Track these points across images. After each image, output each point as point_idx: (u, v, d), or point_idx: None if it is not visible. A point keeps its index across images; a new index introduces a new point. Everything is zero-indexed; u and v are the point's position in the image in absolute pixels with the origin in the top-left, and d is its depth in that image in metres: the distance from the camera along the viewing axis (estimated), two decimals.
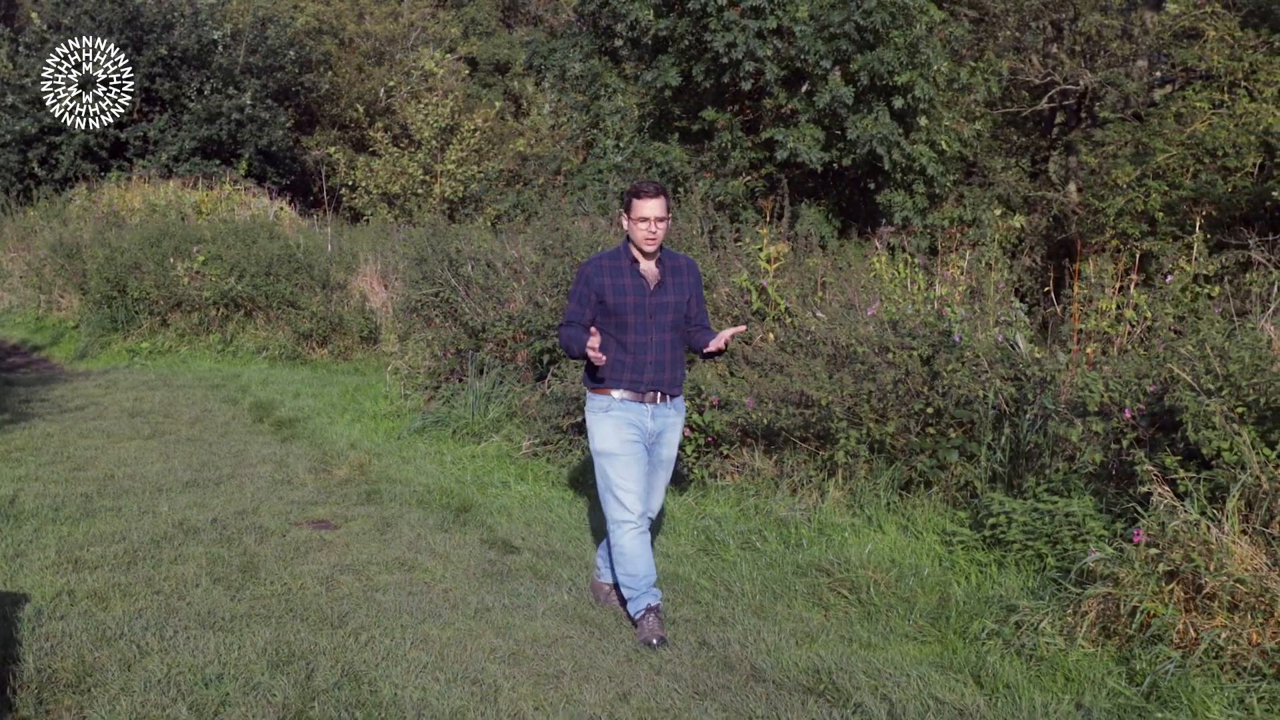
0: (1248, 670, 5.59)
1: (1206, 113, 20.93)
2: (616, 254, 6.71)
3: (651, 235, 6.53)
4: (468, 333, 12.59)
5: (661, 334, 6.66)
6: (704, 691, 5.71)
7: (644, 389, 6.63)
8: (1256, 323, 7.39)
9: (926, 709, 5.45)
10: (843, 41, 17.59)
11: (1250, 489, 6.19)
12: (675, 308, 6.70)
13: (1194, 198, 20.14)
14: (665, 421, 6.76)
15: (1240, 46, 21.30)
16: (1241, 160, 19.91)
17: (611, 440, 6.62)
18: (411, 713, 5.35)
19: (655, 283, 6.64)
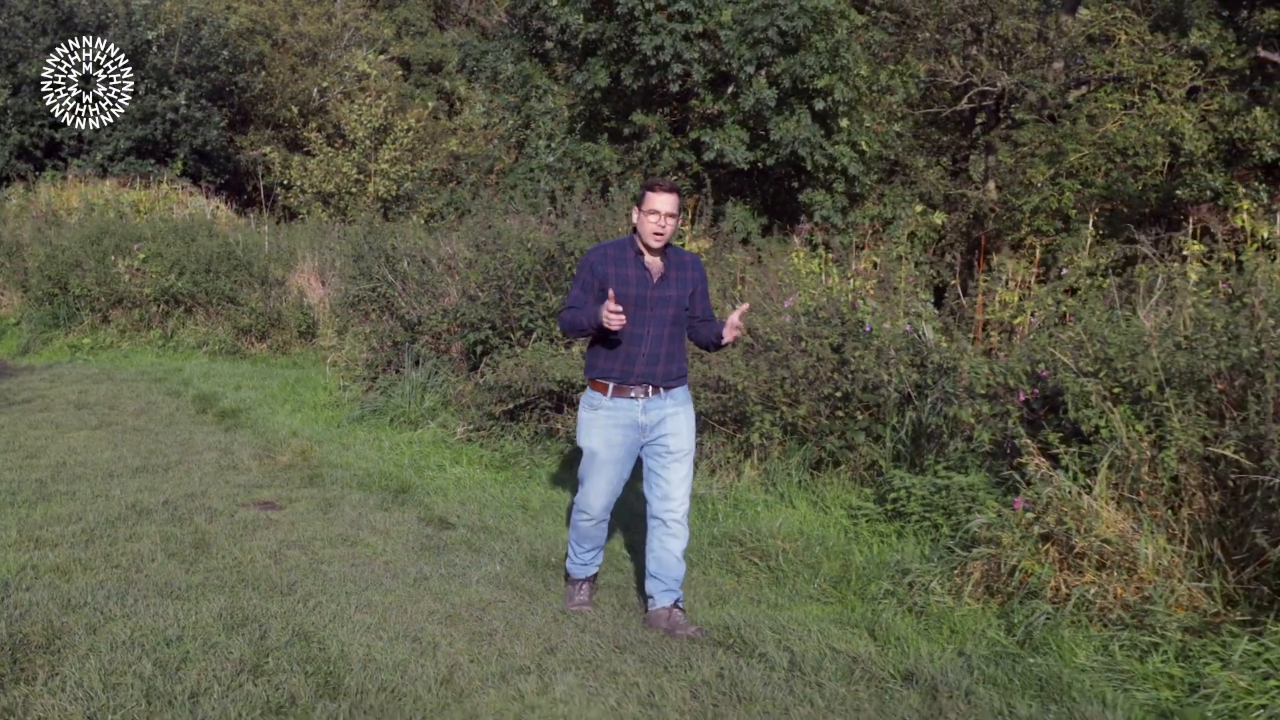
0: (1111, 621, 6.23)
1: (1117, 114, 21.74)
2: (622, 244, 6.70)
3: (660, 230, 6.52)
4: (404, 326, 13.14)
5: (660, 328, 6.62)
6: (624, 645, 6.29)
7: (633, 381, 6.62)
8: (1138, 311, 8.06)
9: (824, 657, 6.05)
10: (766, 46, 18.20)
11: (1120, 460, 6.84)
12: (676, 302, 6.67)
13: (1106, 196, 20.91)
14: (662, 412, 6.69)
15: (1150, 50, 22.13)
16: (1151, 159, 20.69)
17: (595, 439, 6.70)
18: (358, 666, 5.88)
19: (659, 276, 6.63)
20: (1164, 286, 8.62)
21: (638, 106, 19.58)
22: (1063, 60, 24.49)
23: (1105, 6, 23.52)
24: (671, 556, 6.73)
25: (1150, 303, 8.51)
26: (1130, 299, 8.90)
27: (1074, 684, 5.70)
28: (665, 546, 6.74)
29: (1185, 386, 6.93)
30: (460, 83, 37.02)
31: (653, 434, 6.71)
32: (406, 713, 5.35)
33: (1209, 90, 21.63)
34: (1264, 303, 7.12)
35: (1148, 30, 22.63)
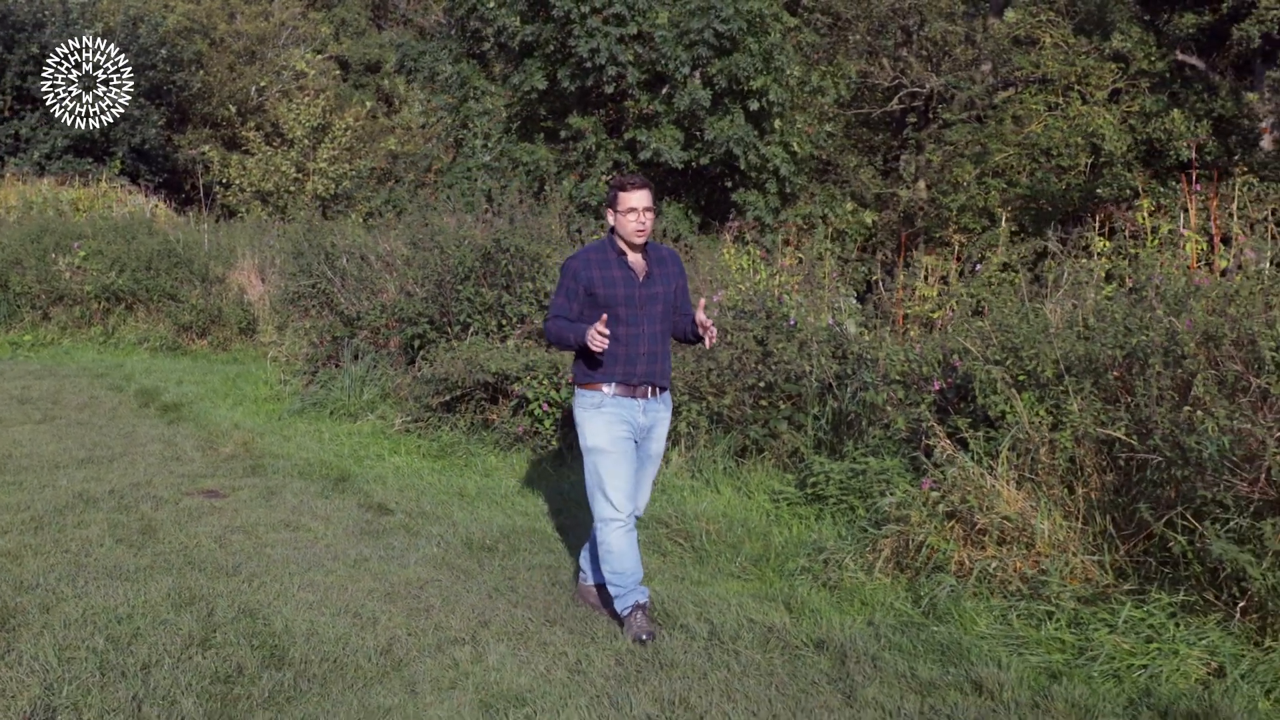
0: (1010, 592, 6.66)
1: (1042, 115, 22.28)
2: (602, 247, 6.64)
3: (642, 227, 6.50)
4: (343, 321, 13.46)
5: (652, 325, 6.60)
6: (554, 619, 6.66)
7: (637, 381, 6.55)
8: (1044, 304, 8.52)
9: (741, 628, 6.44)
10: (701, 47, 18.60)
11: (1021, 443, 7.27)
12: (664, 298, 6.66)
13: (1030, 195, 21.45)
14: (656, 416, 6.72)
15: (1073, 53, 22.67)
16: (1074, 160, 21.23)
17: (602, 437, 6.54)
18: (301, 639, 6.22)
19: (644, 274, 6.60)
20: (1069, 281, 9.08)
21: (574, 107, 19.93)
22: (990, 62, 25.01)
23: (1030, 10, 24.06)
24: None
25: (1057, 296, 8.97)
26: (1039, 293, 9.34)
27: (973, 649, 6.12)
28: None
29: (1083, 374, 7.38)
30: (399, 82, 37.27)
31: (643, 435, 6.69)
32: (348, 680, 5.70)
33: (1130, 92, 22.20)
34: (1159, 294, 7.58)
35: (1071, 33, 23.19)
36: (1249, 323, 6.65)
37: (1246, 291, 7.07)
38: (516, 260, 12.07)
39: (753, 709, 5.43)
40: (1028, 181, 21.79)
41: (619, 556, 6.50)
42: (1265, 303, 7.07)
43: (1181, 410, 6.41)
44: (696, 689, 5.66)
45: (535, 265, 12.05)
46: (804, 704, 5.52)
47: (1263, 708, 5.38)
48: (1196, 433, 6.25)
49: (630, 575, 6.51)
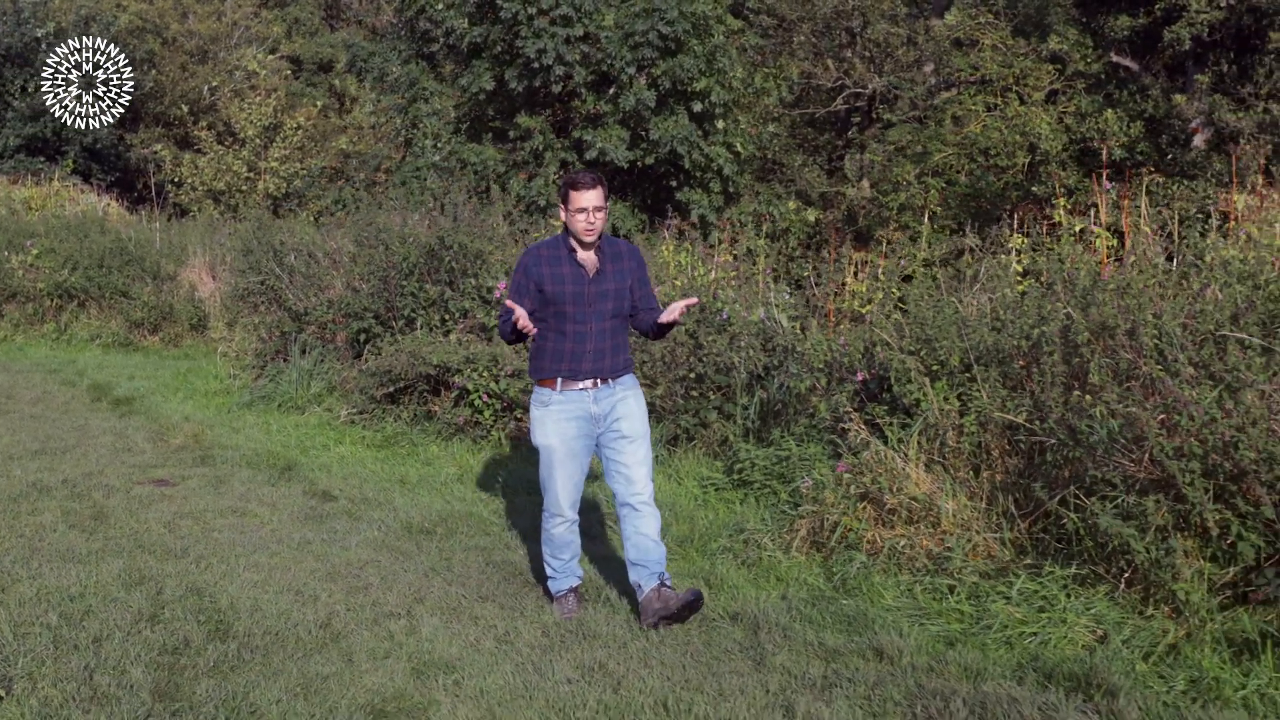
0: (917, 568, 7.07)
1: (981, 115, 22.75)
2: (555, 243, 6.68)
3: (590, 226, 6.52)
4: (291, 317, 13.80)
5: (601, 322, 6.62)
6: (486, 595, 7.04)
7: (582, 377, 6.62)
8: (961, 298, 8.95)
9: None
10: (646, 49, 18.98)
11: (931, 428, 7.70)
12: (615, 295, 6.67)
13: (969, 194, 21.92)
14: (611, 400, 6.70)
15: (1012, 54, 23.15)
16: (1011, 159, 21.71)
17: (551, 436, 6.66)
18: (245, 614, 6.57)
19: (594, 270, 6.61)
20: (986, 276, 9.52)
21: (522, 107, 20.27)
22: (933, 63, 25.47)
23: (970, 12, 24.54)
24: (649, 540, 6.66)
25: (973, 290, 9.40)
26: (959, 288, 9.77)
27: (877, 620, 6.53)
28: (640, 530, 6.66)
29: (991, 363, 7.81)
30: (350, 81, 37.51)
31: (606, 422, 6.69)
32: (289, 651, 6.05)
33: (1067, 93, 22.70)
34: (1066, 287, 8.01)
35: (1010, 35, 23.69)
36: (1141, 314, 7.08)
37: (1138, 285, 7.49)
38: (459, 257, 12.44)
39: (667, 674, 5.81)
40: (966, 180, 22.27)
41: (559, 546, 6.79)
42: (1158, 295, 7.50)
43: (1072, 396, 6.83)
44: (616, 656, 6.05)
45: (478, 262, 12.42)
46: (716, 669, 5.91)
47: (1140, 669, 5.80)
48: (1088, 417, 6.68)
49: (568, 561, 6.81)
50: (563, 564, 6.81)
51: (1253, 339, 6.68)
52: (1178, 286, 7.86)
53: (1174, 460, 6.16)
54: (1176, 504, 6.27)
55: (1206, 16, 19.72)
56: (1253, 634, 5.87)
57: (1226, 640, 5.93)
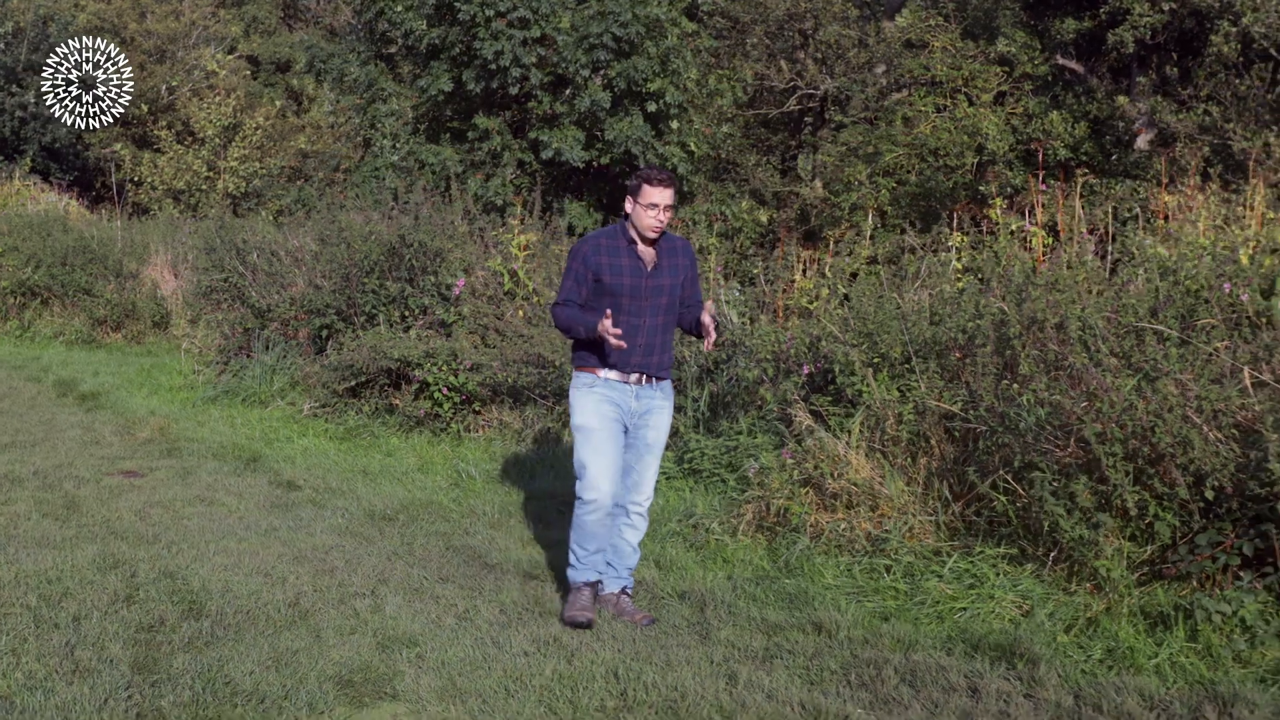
0: (857, 550, 7.46)
1: (931, 116, 23.16)
2: (614, 233, 6.69)
3: (659, 224, 6.55)
4: (254, 313, 14.12)
5: (655, 317, 6.63)
6: (446, 577, 7.39)
7: (629, 370, 6.62)
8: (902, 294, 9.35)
9: None
10: (601, 51, 19.29)
11: (872, 416, 8.09)
12: (670, 290, 6.69)
13: (919, 193, 22.34)
14: (650, 403, 6.74)
15: (961, 56, 23.57)
16: (961, 160, 22.13)
17: (590, 415, 6.62)
18: (217, 594, 6.89)
19: (652, 265, 6.63)
20: (926, 273, 9.92)
21: (479, 108, 20.55)
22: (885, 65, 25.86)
23: (920, 14, 24.97)
24: (628, 546, 6.85)
25: (914, 286, 9.80)
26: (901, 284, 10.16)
27: (817, 597, 6.92)
28: (623, 536, 6.84)
29: (929, 355, 8.21)
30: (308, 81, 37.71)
31: (637, 422, 6.72)
32: (259, 628, 6.38)
33: (1015, 94, 23.14)
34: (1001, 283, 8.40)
35: (959, 38, 24.11)
36: (1068, 308, 7.49)
37: (1067, 281, 7.90)
38: (419, 255, 12.77)
39: (619, 647, 6.17)
40: (917, 180, 22.68)
41: (588, 535, 6.70)
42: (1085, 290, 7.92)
43: (1002, 384, 7.24)
44: (570, 631, 6.41)
45: (437, 260, 12.76)
46: (663, 643, 6.28)
47: (1061, 640, 6.20)
48: (1017, 405, 7.08)
49: (594, 552, 6.72)
50: (588, 554, 6.73)
51: (1169, 331, 7.09)
52: (1105, 282, 8.27)
53: (1098, 445, 6.56)
54: (1100, 486, 6.68)
55: (1149, 20, 20.16)
56: (1167, 607, 6.28)
57: (1143, 613, 6.34)
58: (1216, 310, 7.39)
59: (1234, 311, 7.42)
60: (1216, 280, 7.50)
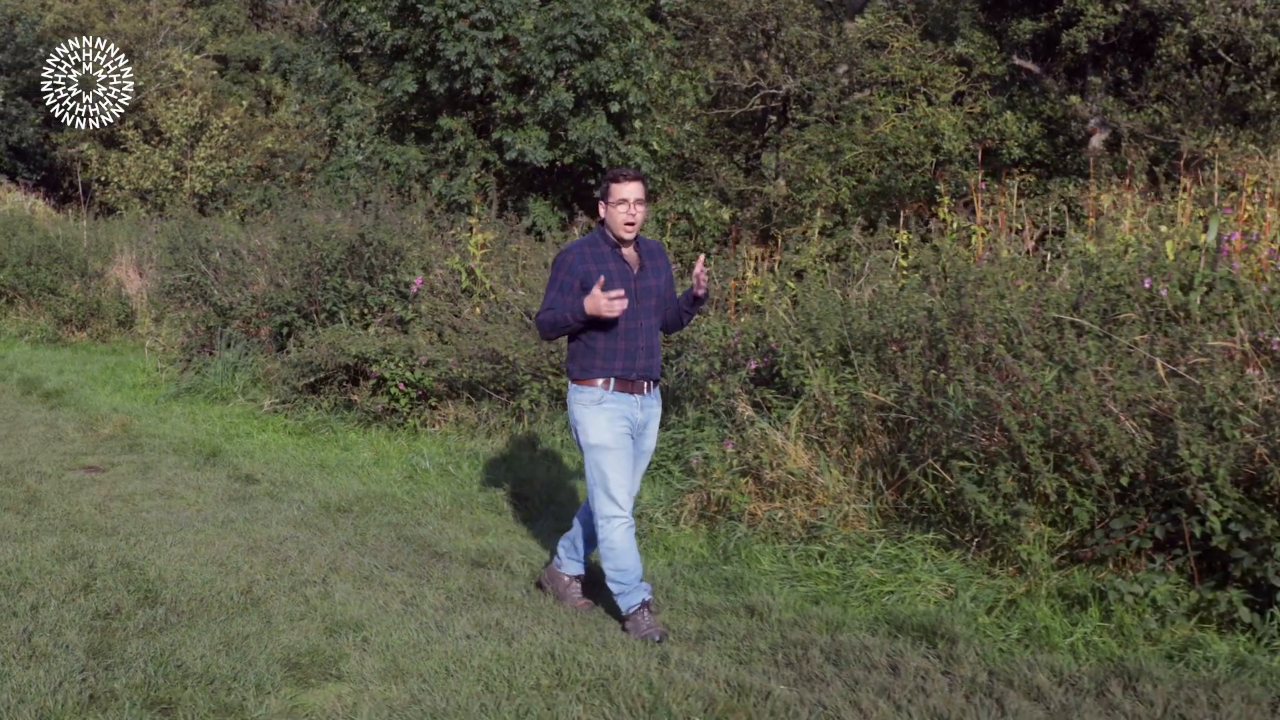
0: (793, 537, 7.74)
1: (890, 116, 23.46)
2: (594, 241, 6.63)
3: (631, 218, 6.48)
4: (217, 312, 14.35)
5: (648, 319, 6.61)
6: (396, 565, 7.63)
7: (636, 375, 6.58)
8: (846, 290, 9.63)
9: None
10: (564, 52, 19.53)
11: (811, 408, 8.37)
12: (658, 291, 6.68)
13: (879, 191, 22.63)
14: (650, 412, 6.77)
15: (920, 56, 23.88)
16: (919, 159, 22.44)
17: (605, 434, 6.55)
18: (173, 582, 7.12)
19: (638, 267, 6.61)
20: (870, 270, 10.20)
21: (443, 109, 20.76)
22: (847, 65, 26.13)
23: (880, 15, 25.28)
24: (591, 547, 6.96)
25: (858, 282, 10.08)
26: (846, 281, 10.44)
27: (752, 583, 7.20)
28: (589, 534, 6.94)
29: (867, 349, 8.48)
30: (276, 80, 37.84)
31: (638, 431, 6.73)
32: (212, 614, 6.61)
33: (973, 94, 23.45)
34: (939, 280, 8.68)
35: (919, 38, 24.43)
36: (996, 303, 7.77)
37: (994, 277, 8.18)
38: (379, 253, 13.01)
39: (558, 630, 6.43)
40: (877, 179, 22.97)
41: (621, 554, 6.56)
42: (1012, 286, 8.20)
43: (928, 376, 7.52)
44: (512, 615, 6.66)
45: (396, 258, 12.99)
46: (602, 626, 6.55)
47: (982, 621, 6.48)
48: (944, 395, 7.36)
49: (632, 572, 6.57)
50: (628, 573, 6.59)
51: (1086, 323, 7.38)
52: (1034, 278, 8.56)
53: (1019, 433, 6.84)
54: (1022, 473, 6.96)
55: (1102, 21, 20.48)
56: (1083, 589, 6.56)
57: (1060, 595, 6.62)
58: (1137, 305, 7.68)
59: (1155, 306, 7.69)
60: (1137, 276, 7.78)
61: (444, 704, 5.41)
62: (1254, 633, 6.15)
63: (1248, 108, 18.95)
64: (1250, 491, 6.43)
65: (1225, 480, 6.28)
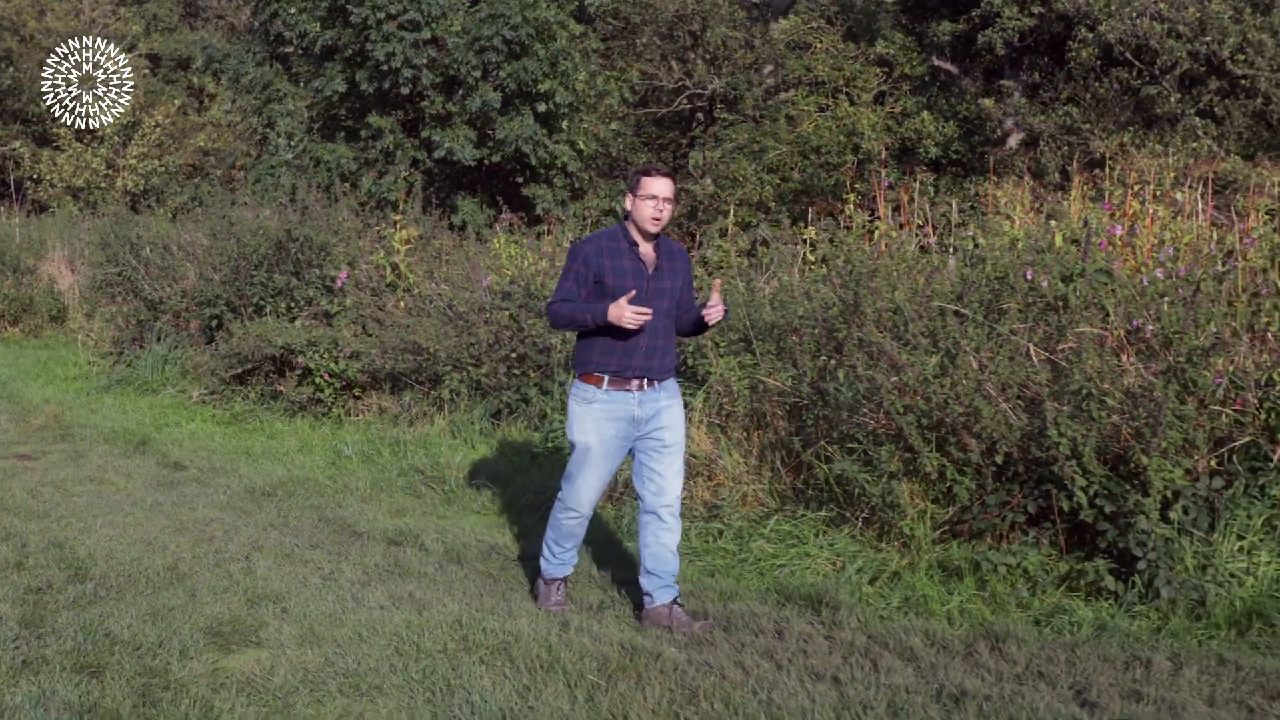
0: (695, 516, 8.17)
1: (813, 115, 23.96)
2: (615, 235, 6.56)
3: (658, 215, 6.43)
4: (147, 306, 14.67)
5: (657, 320, 6.48)
6: (317, 544, 8.00)
7: (630, 375, 6.50)
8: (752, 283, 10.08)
9: (470, 546, 7.87)
10: (491, 53, 19.90)
11: (714, 394, 8.80)
12: (671, 293, 6.60)
13: (801, 190, 23.13)
14: (656, 405, 6.60)
15: (842, 57, 24.39)
16: (841, 158, 22.94)
17: (590, 434, 6.55)
18: (102, 560, 7.46)
19: (653, 267, 6.53)
20: (778, 263, 10.65)
21: (373, 108, 21.06)
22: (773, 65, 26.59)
23: (804, 16, 25.77)
24: (667, 551, 6.63)
25: (765, 276, 10.53)
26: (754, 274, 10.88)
27: None
28: (660, 541, 6.63)
29: (768, 337, 8.94)
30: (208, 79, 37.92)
31: (646, 427, 6.60)
32: (139, 589, 6.96)
33: (894, 95, 23.99)
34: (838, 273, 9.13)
35: (841, 39, 24.96)
36: (887, 294, 8.23)
37: (885, 270, 8.64)
38: (305, 249, 13.36)
39: (466, 600, 6.82)
40: (799, 177, 23.46)
41: (566, 535, 6.75)
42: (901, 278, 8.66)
43: (823, 363, 7.98)
44: (424, 587, 7.05)
45: (322, 254, 13.35)
46: (508, 595, 6.95)
47: (865, 591, 6.94)
48: (834, 380, 7.82)
49: (569, 552, 6.78)
50: (564, 551, 6.80)
51: (967, 312, 7.86)
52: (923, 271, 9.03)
53: (901, 416, 7.30)
54: (907, 453, 7.42)
55: (1017, 23, 21.03)
56: (961, 561, 7.03)
57: (940, 567, 7.10)
58: (1018, 295, 8.15)
59: (1037, 296, 8.16)
60: (1020, 268, 8.25)
61: (355, 665, 5.79)
62: (1117, 599, 6.64)
63: (1156, 110, 19.55)
64: (1116, 469, 6.92)
65: (1092, 458, 6.76)
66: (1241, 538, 6.68)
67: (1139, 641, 6.13)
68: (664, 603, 6.59)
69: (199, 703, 5.36)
